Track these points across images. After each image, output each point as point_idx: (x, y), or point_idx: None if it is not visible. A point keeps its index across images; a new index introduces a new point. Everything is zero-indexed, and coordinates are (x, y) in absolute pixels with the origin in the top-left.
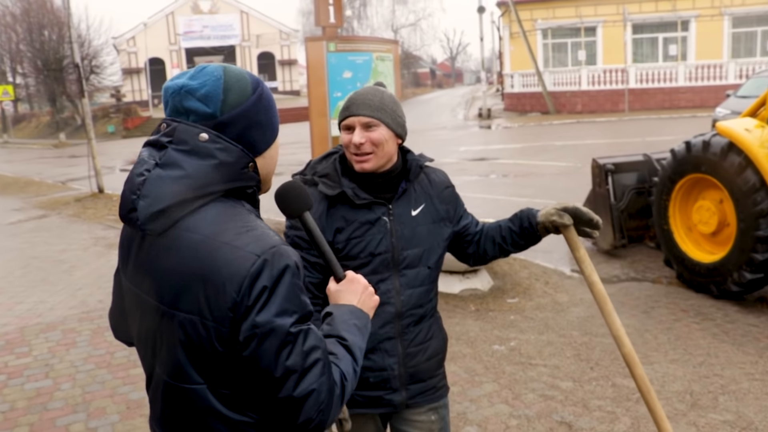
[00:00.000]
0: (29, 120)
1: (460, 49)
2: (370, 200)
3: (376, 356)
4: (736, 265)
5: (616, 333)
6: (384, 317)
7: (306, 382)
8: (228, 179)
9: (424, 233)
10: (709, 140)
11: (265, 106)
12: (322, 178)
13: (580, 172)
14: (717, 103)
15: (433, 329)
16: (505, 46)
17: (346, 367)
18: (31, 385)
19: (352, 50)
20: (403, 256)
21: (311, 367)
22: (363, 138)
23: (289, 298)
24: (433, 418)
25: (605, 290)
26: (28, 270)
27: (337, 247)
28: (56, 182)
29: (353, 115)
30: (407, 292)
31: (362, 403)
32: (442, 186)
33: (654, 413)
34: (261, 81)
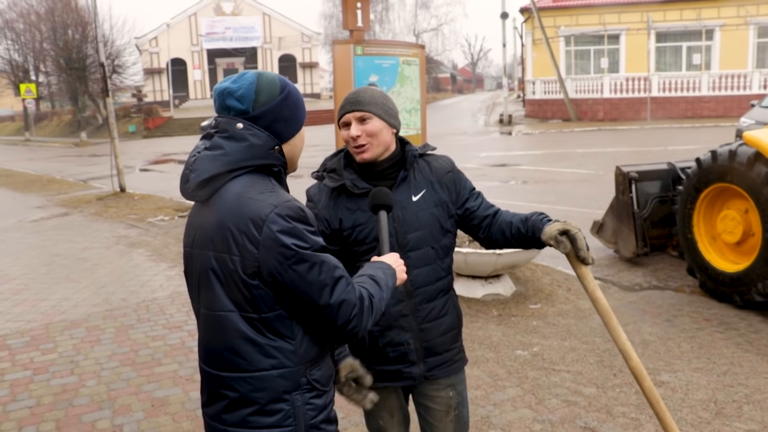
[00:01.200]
0: (51, 118)
1: (482, 54)
2: (368, 189)
3: (393, 333)
4: (761, 275)
5: (622, 347)
6: (396, 296)
7: (337, 292)
8: (257, 157)
9: (426, 217)
10: (736, 150)
11: (289, 105)
12: (330, 173)
13: (601, 180)
14: (740, 113)
15: (447, 306)
16: (528, 52)
17: (373, 290)
18: (56, 381)
19: (378, 54)
20: (407, 239)
21: (338, 280)
22: (359, 131)
23: (303, 236)
24: (452, 394)
25: (609, 305)
26: (51, 267)
27: (345, 234)
28: (78, 180)
29: (348, 112)
30: (414, 272)
31: (384, 377)
32: (443, 171)
33: (664, 423)
34: (289, 84)
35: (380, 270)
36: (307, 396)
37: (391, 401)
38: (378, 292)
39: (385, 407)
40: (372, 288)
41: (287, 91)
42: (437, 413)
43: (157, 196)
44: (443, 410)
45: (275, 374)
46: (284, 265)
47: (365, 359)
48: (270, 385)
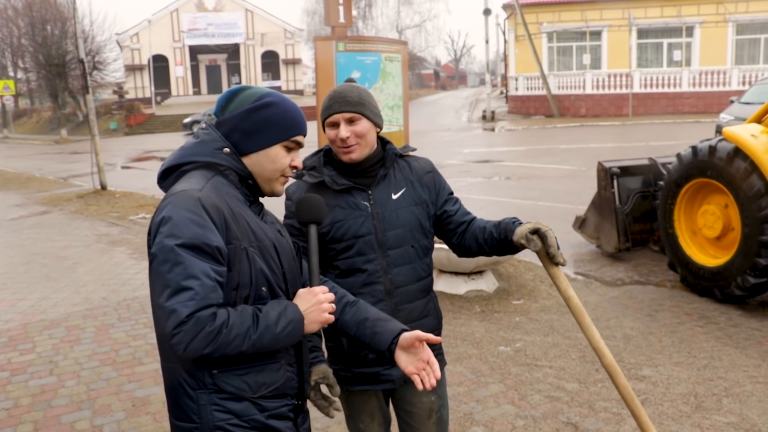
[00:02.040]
0: (30, 115)
1: (465, 51)
2: (349, 185)
3: None
4: (740, 270)
5: (596, 345)
6: (376, 296)
7: (175, 299)
8: (203, 153)
9: (406, 215)
10: (716, 145)
11: (254, 119)
12: (310, 170)
13: (584, 176)
14: (720, 109)
15: (429, 307)
16: (510, 48)
17: (236, 322)
18: (35, 381)
19: (360, 50)
20: (387, 236)
21: (184, 290)
22: (348, 132)
23: (180, 226)
24: (433, 399)
25: (581, 304)
26: (30, 266)
27: (323, 231)
28: (58, 178)
29: (337, 112)
30: (394, 271)
31: (362, 379)
32: (423, 171)
33: (639, 421)
34: (270, 101)
35: (279, 313)
36: (215, 397)
37: (371, 404)
38: (245, 328)
39: (365, 410)
40: (239, 320)
41: (258, 105)
42: (419, 417)
43: (139, 194)
44: (425, 414)
45: (180, 370)
46: (151, 250)
47: (343, 361)
48: (177, 379)
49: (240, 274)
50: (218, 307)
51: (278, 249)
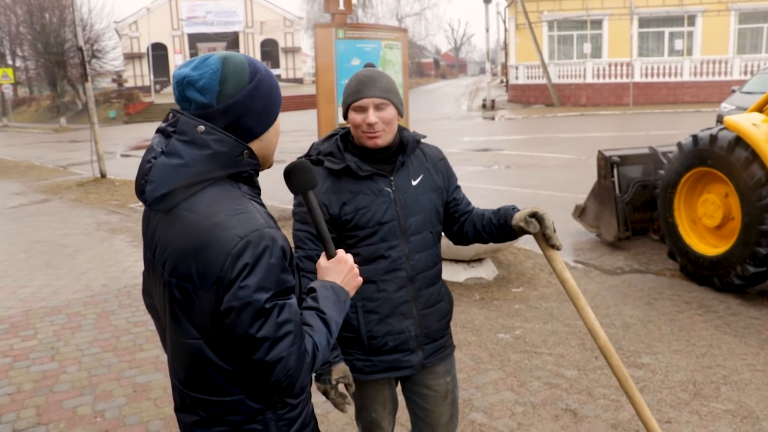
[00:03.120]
0: (29, 104)
1: (465, 39)
2: (373, 172)
3: (394, 320)
4: (740, 259)
5: (591, 326)
6: (398, 282)
7: (276, 350)
8: (224, 166)
9: (425, 201)
10: (717, 134)
11: (261, 95)
12: (327, 156)
13: (583, 165)
14: (721, 98)
15: (442, 292)
16: (511, 37)
17: (320, 339)
18: (37, 367)
19: (360, 38)
20: (409, 223)
21: (283, 337)
22: (376, 118)
23: (267, 275)
24: (448, 380)
25: (577, 286)
26: (31, 254)
27: (346, 218)
28: (57, 167)
29: (366, 97)
30: (416, 257)
31: (382, 368)
32: (436, 158)
33: (632, 400)
34: (260, 69)
35: (331, 299)
36: (281, 413)
37: (384, 393)
38: (324, 337)
39: (378, 400)
40: (318, 332)
41: (258, 79)
42: (435, 399)
43: None
44: (441, 396)
45: (246, 398)
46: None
47: (362, 350)
48: (241, 409)
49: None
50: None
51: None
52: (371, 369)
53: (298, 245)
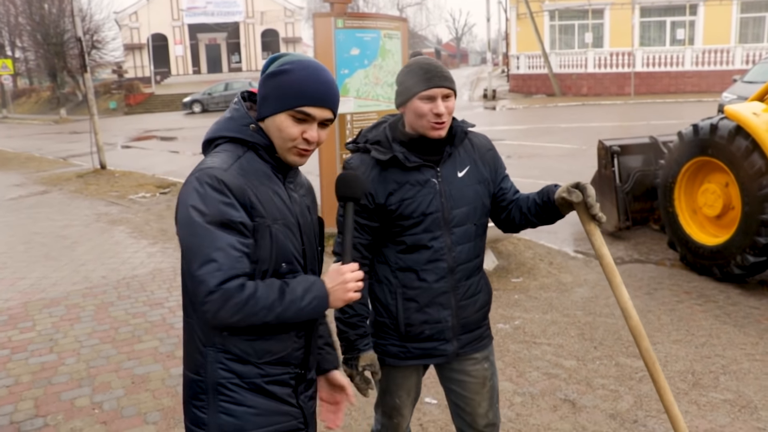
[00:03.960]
0: (29, 95)
1: (466, 29)
2: (420, 163)
3: (432, 310)
4: (740, 248)
5: (624, 305)
6: (439, 272)
7: (203, 269)
8: (230, 129)
9: (470, 193)
10: (717, 123)
11: (268, 84)
12: (374, 144)
13: (585, 155)
14: (723, 88)
15: (481, 283)
16: (512, 27)
17: (263, 293)
18: (35, 359)
19: (360, 27)
20: (453, 215)
21: (210, 261)
22: (444, 108)
23: (204, 201)
24: (486, 366)
25: (614, 263)
26: (30, 245)
27: (391, 208)
28: (57, 158)
29: (437, 87)
30: (458, 249)
31: (416, 355)
32: (484, 149)
33: (658, 385)
34: (288, 70)
35: (305, 289)
36: (222, 356)
37: (411, 380)
38: (271, 301)
39: (405, 386)
40: (266, 293)
41: (275, 71)
42: (474, 386)
43: (139, 173)
44: (480, 382)
45: (195, 326)
46: (179, 223)
47: (398, 337)
48: (192, 334)
49: (261, 249)
50: (247, 278)
51: (301, 226)
52: (405, 355)
53: (341, 231)
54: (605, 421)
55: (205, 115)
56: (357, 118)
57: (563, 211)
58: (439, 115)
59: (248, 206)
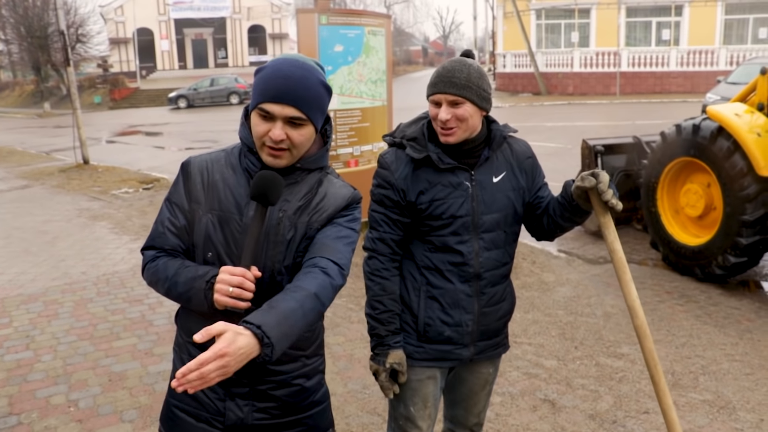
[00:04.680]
0: (12, 88)
1: (453, 27)
2: (454, 165)
3: (454, 312)
4: (721, 249)
5: (632, 304)
6: (464, 276)
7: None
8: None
9: (503, 200)
10: (699, 124)
11: (257, 80)
12: (411, 141)
13: (569, 154)
14: (707, 88)
15: (507, 292)
16: (499, 25)
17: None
18: (11, 356)
19: (344, 24)
20: (483, 220)
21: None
22: (449, 114)
23: (174, 184)
24: (491, 371)
25: (625, 259)
26: (9, 241)
27: (420, 207)
28: (40, 152)
29: (440, 92)
30: (485, 255)
31: (432, 356)
32: (523, 156)
33: (658, 388)
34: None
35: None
36: (177, 323)
37: (427, 388)
38: (164, 276)
39: (419, 393)
40: (164, 267)
41: (258, 68)
42: (475, 386)
43: (122, 168)
44: (480, 385)
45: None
46: None
47: (417, 336)
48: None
49: (195, 234)
50: (165, 252)
51: (244, 224)
52: (421, 356)
53: (373, 226)
54: (584, 421)
55: (191, 110)
56: (340, 114)
57: (582, 204)
58: (443, 121)
59: (190, 190)
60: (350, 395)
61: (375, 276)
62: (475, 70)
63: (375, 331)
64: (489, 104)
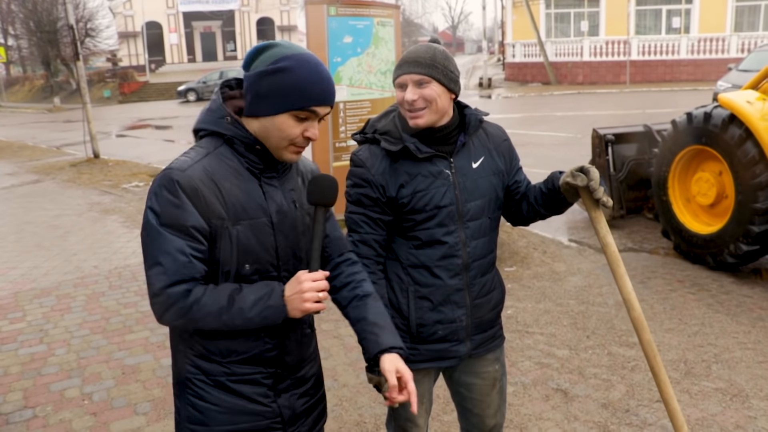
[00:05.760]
0: (22, 83)
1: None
2: (432, 153)
3: (447, 308)
4: (733, 237)
5: (627, 296)
6: (453, 269)
7: (151, 271)
8: (208, 122)
9: (485, 185)
10: (711, 112)
11: (269, 82)
12: (384, 135)
13: (579, 143)
14: (718, 76)
15: (495, 281)
16: (508, 15)
17: (209, 300)
18: (25, 350)
19: (353, 15)
20: (467, 208)
21: (155, 265)
22: (415, 95)
23: (160, 203)
24: (497, 367)
25: (619, 253)
26: (21, 235)
27: (402, 201)
28: (51, 147)
29: (405, 73)
30: (472, 244)
31: (428, 357)
32: (499, 139)
33: (658, 378)
34: (288, 67)
35: (258, 297)
36: (190, 352)
37: (423, 386)
38: (217, 308)
39: (417, 394)
40: (212, 300)
41: (271, 69)
42: (484, 388)
43: (132, 162)
44: (489, 384)
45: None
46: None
47: (410, 338)
48: (171, 327)
49: (221, 251)
50: (197, 282)
51: (275, 224)
52: (416, 358)
53: (353, 228)
54: (597, 410)
55: (200, 103)
56: (350, 106)
57: (569, 198)
58: (410, 102)
59: (204, 208)
60: (362, 386)
61: None
62: (441, 52)
63: None
64: (457, 86)
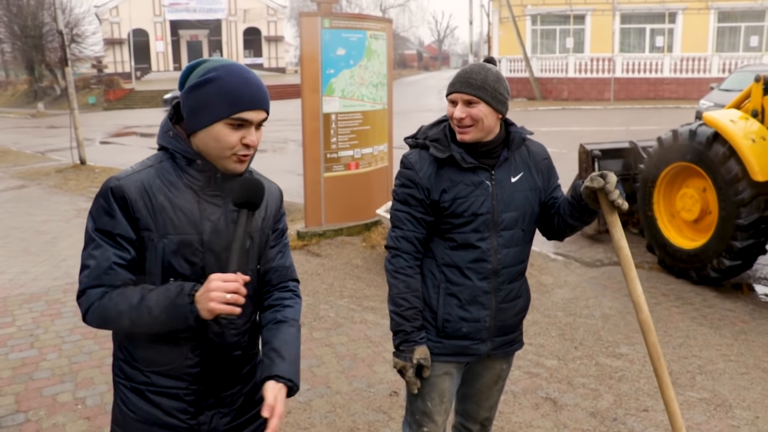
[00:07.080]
0: (5, 88)
1: (448, 32)
2: (476, 165)
3: (473, 308)
4: (716, 252)
5: (636, 299)
6: (483, 273)
7: (82, 274)
8: (160, 137)
9: (521, 199)
10: (696, 130)
11: (195, 96)
12: (434, 142)
13: (565, 158)
14: (700, 95)
15: (523, 289)
16: (494, 30)
17: (119, 300)
18: (15, 354)
19: (346, 27)
20: (502, 218)
21: (84, 267)
22: (463, 113)
23: (97, 210)
24: (504, 367)
25: (631, 256)
26: (8, 240)
27: (443, 205)
28: (35, 153)
29: (457, 92)
30: (503, 252)
31: (450, 352)
32: (540, 157)
33: (661, 380)
34: (213, 79)
35: (165, 297)
36: (119, 355)
37: (445, 384)
38: (125, 307)
39: (437, 389)
40: (122, 300)
41: (199, 81)
42: (487, 382)
43: (119, 169)
44: (493, 380)
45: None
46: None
47: (436, 332)
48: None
49: (149, 261)
50: (115, 288)
51: (205, 242)
52: (440, 351)
53: (397, 225)
54: (586, 419)
55: None
56: (342, 117)
57: (591, 204)
58: (458, 119)
59: (135, 218)
60: (355, 393)
61: (399, 274)
62: (493, 74)
63: (401, 328)
64: (505, 107)
